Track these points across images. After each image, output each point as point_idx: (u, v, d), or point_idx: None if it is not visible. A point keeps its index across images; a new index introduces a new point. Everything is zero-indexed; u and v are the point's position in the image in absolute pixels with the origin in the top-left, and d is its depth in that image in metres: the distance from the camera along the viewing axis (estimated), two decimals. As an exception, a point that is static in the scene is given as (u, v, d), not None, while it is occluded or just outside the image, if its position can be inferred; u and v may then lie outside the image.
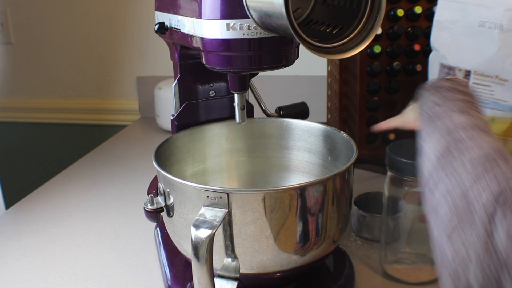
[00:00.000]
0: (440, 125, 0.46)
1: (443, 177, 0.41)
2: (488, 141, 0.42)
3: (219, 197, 0.51)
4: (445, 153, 0.42)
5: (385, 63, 0.94)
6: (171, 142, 0.68)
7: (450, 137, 0.43)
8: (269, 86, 1.31)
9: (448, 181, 0.40)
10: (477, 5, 0.73)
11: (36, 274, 0.72)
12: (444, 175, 0.41)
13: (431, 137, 0.45)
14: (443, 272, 0.39)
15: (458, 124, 0.45)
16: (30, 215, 0.89)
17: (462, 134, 0.43)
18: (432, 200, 0.41)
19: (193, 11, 0.58)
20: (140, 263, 0.73)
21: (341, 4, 0.54)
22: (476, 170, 0.39)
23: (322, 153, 0.71)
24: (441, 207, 0.39)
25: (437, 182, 0.41)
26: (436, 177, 0.42)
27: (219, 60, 0.57)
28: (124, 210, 0.90)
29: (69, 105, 1.52)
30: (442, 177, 0.41)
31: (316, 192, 0.54)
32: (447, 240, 0.38)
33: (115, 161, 1.14)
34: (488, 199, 0.36)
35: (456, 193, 0.39)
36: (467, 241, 0.36)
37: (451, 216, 0.38)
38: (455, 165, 0.40)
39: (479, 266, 0.35)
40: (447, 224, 0.38)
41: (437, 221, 0.40)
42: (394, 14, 0.91)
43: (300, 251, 0.55)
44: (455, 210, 0.38)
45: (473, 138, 0.42)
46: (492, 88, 0.74)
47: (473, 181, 0.38)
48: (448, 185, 0.40)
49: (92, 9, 1.41)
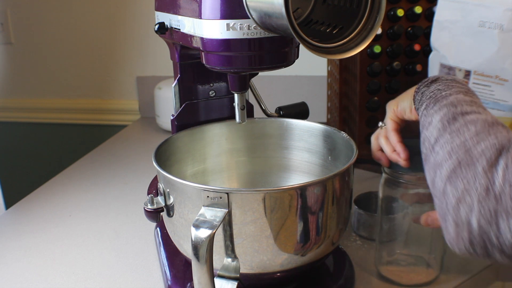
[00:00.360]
0: (446, 102, 0.49)
1: (448, 139, 0.44)
2: (488, 113, 0.47)
3: (219, 197, 0.51)
4: (451, 120, 0.46)
5: (385, 63, 0.94)
6: (171, 142, 0.68)
7: (456, 108, 0.47)
8: (269, 86, 1.31)
9: (453, 140, 0.44)
10: (477, 5, 0.73)
11: (36, 274, 0.72)
12: (449, 136, 0.44)
13: (439, 112, 0.48)
14: (447, 219, 0.42)
15: (462, 100, 0.49)
16: (30, 215, 0.89)
17: (466, 107, 0.47)
18: (436, 158, 0.45)
19: (193, 11, 0.58)
20: (140, 263, 0.73)
21: (341, 4, 0.54)
22: (479, 130, 0.43)
23: (322, 153, 0.71)
24: (445, 162, 0.43)
25: (442, 144, 0.45)
26: (441, 140, 0.45)
27: (219, 60, 0.57)
28: (124, 210, 0.90)
29: (69, 105, 1.52)
30: (447, 138, 0.45)
31: (316, 192, 0.54)
32: (451, 187, 0.41)
33: (115, 161, 1.14)
34: (492, 151, 0.40)
35: (460, 150, 0.42)
36: (470, 188, 0.40)
37: (455, 166, 0.42)
38: (460, 128, 0.44)
39: (481, 210, 0.39)
40: (451, 174, 0.42)
41: (441, 173, 0.43)
42: (394, 14, 0.91)
43: (300, 251, 0.55)
44: (458, 162, 0.42)
45: (476, 110, 0.47)
46: (492, 88, 0.74)
47: (477, 141, 0.42)
48: (453, 144, 0.43)
49: (92, 9, 1.41)
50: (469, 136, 0.43)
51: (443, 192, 0.42)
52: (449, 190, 0.42)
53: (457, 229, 0.41)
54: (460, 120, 0.45)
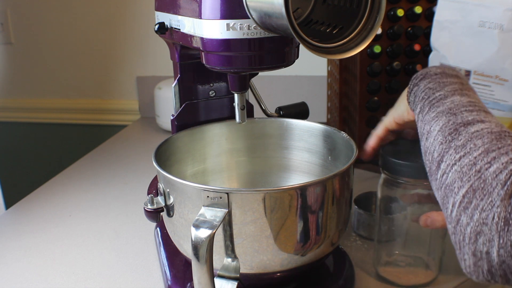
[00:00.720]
0: (442, 108, 0.47)
1: (454, 157, 0.42)
2: (490, 120, 0.44)
3: (219, 197, 0.51)
4: (453, 133, 0.43)
5: (385, 63, 0.94)
6: (171, 142, 0.68)
7: (456, 118, 0.45)
8: (269, 86, 1.31)
9: (460, 159, 0.41)
10: (477, 5, 0.73)
11: (36, 274, 0.72)
12: (455, 154, 0.42)
13: (437, 121, 0.46)
14: (463, 249, 0.40)
15: (460, 104, 0.46)
16: (30, 215, 0.89)
17: (467, 114, 0.44)
18: (444, 179, 0.42)
19: (193, 11, 0.58)
20: (140, 263, 0.73)
21: (341, 4, 0.54)
22: (487, 147, 0.40)
23: (322, 153, 0.71)
24: (456, 186, 0.40)
25: (448, 163, 0.42)
26: (446, 157, 0.43)
27: (219, 60, 0.57)
28: (124, 210, 0.90)
29: (69, 105, 1.52)
30: (453, 156, 0.42)
31: (316, 192, 0.54)
32: (466, 217, 0.39)
33: (115, 161, 1.14)
34: (505, 174, 0.38)
35: (471, 171, 0.40)
36: (488, 218, 0.37)
37: (468, 193, 0.39)
38: (465, 144, 0.42)
39: (501, 242, 0.37)
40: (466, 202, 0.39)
41: (454, 198, 0.40)
42: (394, 14, 0.91)
43: (300, 251, 0.55)
44: (471, 188, 0.39)
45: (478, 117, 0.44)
46: (492, 88, 0.74)
47: (487, 161, 0.39)
48: (461, 164, 0.41)
49: (92, 9, 1.41)
50: (477, 154, 0.40)
51: (457, 222, 0.40)
52: (465, 221, 0.39)
53: (475, 259, 0.39)
54: (464, 133, 0.43)
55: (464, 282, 0.66)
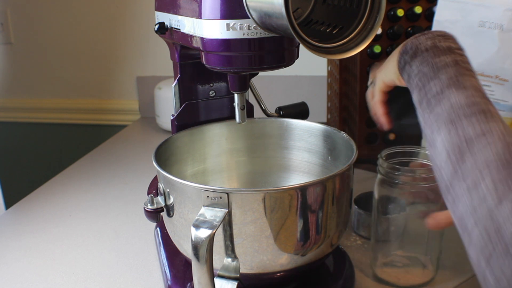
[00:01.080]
0: (440, 110, 0.44)
1: (462, 187, 0.39)
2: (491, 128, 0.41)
3: (219, 197, 0.51)
4: (458, 154, 0.41)
5: (385, 63, 0.94)
6: (171, 142, 0.68)
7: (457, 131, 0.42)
8: (269, 86, 1.31)
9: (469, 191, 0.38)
10: (477, 5, 0.73)
11: (36, 274, 0.72)
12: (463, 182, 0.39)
13: (438, 130, 0.44)
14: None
15: (458, 106, 0.43)
16: (30, 215, 0.89)
17: (469, 128, 0.41)
18: (456, 212, 0.40)
19: (193, 11, 0.58)
20: (140, 263, 0.73)
21: (341, 4, 0.54)
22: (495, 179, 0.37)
23: (322, 153, 0.71)
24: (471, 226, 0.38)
25: (457, 191, 0.40)
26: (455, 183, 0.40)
27: (219, 60, 0.57)
28: (124, 210, 0.90)
29: (69, 105, 1.52)
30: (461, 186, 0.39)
31: (316, 192, 0.54)
32: (486, 265, 0.37)
33: (115, 161, 1.14)
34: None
35: (483, 210, 0.37)
36: (506, 269, 0.35)
37: (485, 242, 0.37)
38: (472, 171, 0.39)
39: None
40: (483, 250, 0.37)
41: (471, 243, 0.38)
42: (394, 14, 0.91)
43: (300, 251, 0.55)
44: (487, 235, 0.37)
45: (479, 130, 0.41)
46: (492, 88, 0.74)
47: (498, 200, 0.36)
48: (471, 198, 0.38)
49: (92, 9, 1.41)
50: (486, 189, 0.37)
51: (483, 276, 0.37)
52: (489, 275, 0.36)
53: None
54: (469, 157, 0.40)
55: (462, 282, 0.66)
